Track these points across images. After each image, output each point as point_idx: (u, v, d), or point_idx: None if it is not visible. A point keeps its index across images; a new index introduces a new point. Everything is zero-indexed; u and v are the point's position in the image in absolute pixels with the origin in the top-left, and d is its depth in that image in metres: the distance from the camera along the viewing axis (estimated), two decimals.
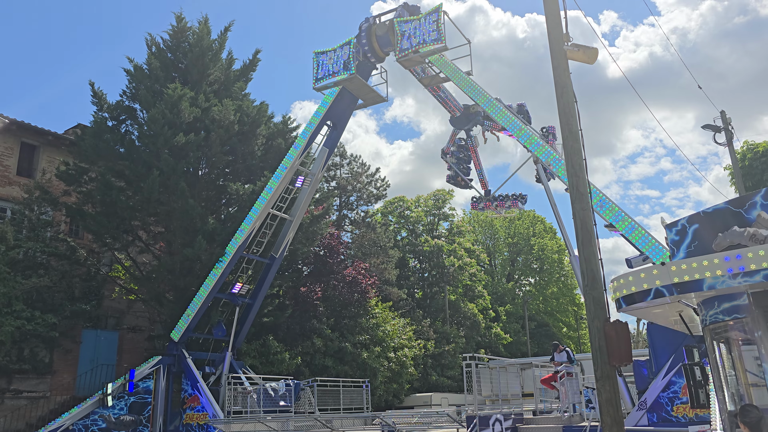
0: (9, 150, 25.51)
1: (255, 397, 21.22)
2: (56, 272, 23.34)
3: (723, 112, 25.28)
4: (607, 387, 8.72)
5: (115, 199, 22.97)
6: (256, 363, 25.70)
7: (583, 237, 9.42)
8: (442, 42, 20.74)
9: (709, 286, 6.95)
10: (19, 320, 21.20)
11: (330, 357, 28.97)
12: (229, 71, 26.62)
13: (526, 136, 19.09)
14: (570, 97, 10.10)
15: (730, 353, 7.59)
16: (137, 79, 24.89)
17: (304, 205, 24.60)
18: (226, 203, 26.38)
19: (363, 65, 23.04)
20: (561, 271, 61.91)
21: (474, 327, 46.00)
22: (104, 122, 24.36)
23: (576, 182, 9.70)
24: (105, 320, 26.95)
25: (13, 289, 21.30)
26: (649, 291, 7.32)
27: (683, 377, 12.08)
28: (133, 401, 21.05)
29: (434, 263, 47.31)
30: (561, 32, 10.51)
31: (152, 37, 25.61)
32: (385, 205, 49.38)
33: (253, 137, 25.77)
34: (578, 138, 9.96)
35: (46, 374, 23.47)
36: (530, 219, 63.02)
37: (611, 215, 16.90)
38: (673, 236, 7.90)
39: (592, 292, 9.17)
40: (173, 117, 23.04)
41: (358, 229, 40.86)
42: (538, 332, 55.57)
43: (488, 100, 19.92)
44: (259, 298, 24.17)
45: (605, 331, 8.84)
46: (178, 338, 22.36)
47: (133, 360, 25.86)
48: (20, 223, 23.59)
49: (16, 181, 25.44)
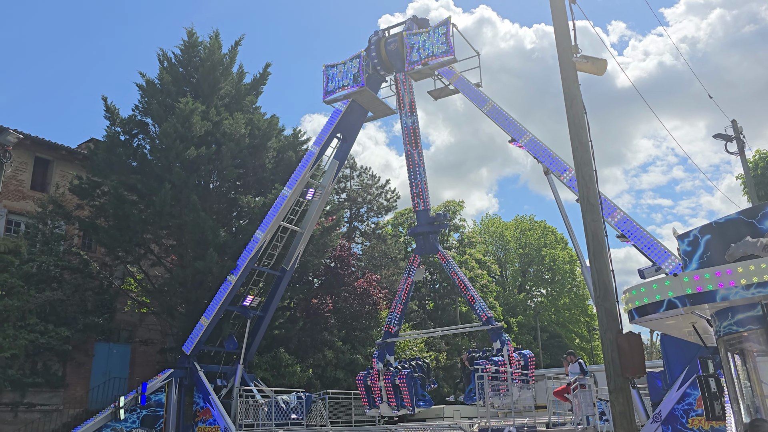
0: (23, 165, 25.82)
1: (266, 410, 21.20)
2: (69, 286, 23.52)
3: (734, 121, 25.15)
4: (620, 399, 8.65)
5: (128, 213, 23.15)
6: (268, 375, 25.68)
7: (595, 248, 9.38)
8: (451, 54, 20.83)
9: (722, 297, 6.91)
10: (33, 334, 21.38)
11: (341, 369, 28.88)
12: (239, 85, 26.86)
13: (537, 146, 19.07)
14: (579, 108, 10.10)
15: (745, 365, 7.53)
16: (149, 93, 25.16)
17: (314, 217, 24.66)
18: (237, 216, 26.50)
19: (372, 78, 23.17)
20: (573, 282, 61.52)
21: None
22: (117, 136, 24.61)
23: (587, 193, 9.68)
24: (117, 333, 27.08)
25: (27, 303, 21.49)
26: (662, 302, 7.28)
27: (698, 389, 11.96)
28: (146, 414, 21.08)
29: (445, 274, 47.16)
30: (570, 43, 10.54)
31: (164, 52, 25.95)
32: (395, 216, 49.37)
33: (264, 150, 25.93)
34: (588, 149, 9.95)
35: (59, 387, 23.58)
36: (541, 229, 62.78)
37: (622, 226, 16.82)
38: (686, 247, 7.86)
39: (604, 303, 9.12)
40: (185, 131, 23.24)
41: (368, 240, 40.87)
42: (551, 343, 55.17)
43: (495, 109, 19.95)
44: (271, 310, 24.19)
45: (618, 342, 8.79)
46: (190, 351, 22.40)
47: (145, 373, 25.93)
48: (34, 237, 23.85)
49: (30, 196, 25.73)
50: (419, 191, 22.12)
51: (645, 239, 16.57)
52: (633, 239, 16.61)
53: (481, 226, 64.15)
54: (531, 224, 63.71)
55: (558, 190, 22.03)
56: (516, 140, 19.53)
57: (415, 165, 22.20)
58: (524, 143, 19.28)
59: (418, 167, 22.20)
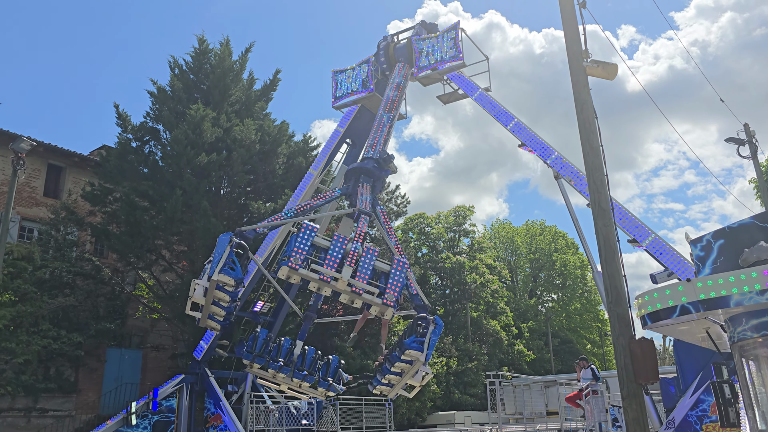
0: (36, 172, 26.07)
1: (277, 416, 21.21)
2: (82, 291, 23.68)
3: (746, 124, 24.94)
4: (633, 406, 8.57)
5: (139, 219, 23.29)
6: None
7: (607, 253, 9.32)
8: (460, 59, 20.82)
9: (736, 303, 6.84)
10: (46, 339, 21.55)
11: (352, 375, 28.82)
12: (250, 91, 26.99)
13: (547, 151, 19.00)
14: (590, 113, 10.06)
15: (760, 370, 7.45)
16: (160, 100, 25.34)
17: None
18: (247, 222, 26.57)
19: (381, 83, 23.19)
20: (584, 287, 61.20)
21: (496, 344, 45.57)
22: (128, 143, 24.79)
23: (598, 198, 9.63)
24: (129, 339, 27.22)
25: (40, 309, 21.66)
26: (675, 308, 7.23)
27: (712, 395, 11.83)
28: (157, 420, 21.13)
29: (455, 280, 47.05)
30: (580, 48, 10.50)
31: (175, 60, 26.13)
32: (405, 221, 49.34)
33: (274, 156, 26.02)
34: (599, 154, 9.89)
35: (72, 393, 23.72)
36: (552, 234, 62.54)
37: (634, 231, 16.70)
38: (698, 252, 7.81)
39: (616, 309, 9.05)
40: (196, 137, 23.37)
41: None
42: (562, 349, 54.86)
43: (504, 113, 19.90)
44: (281, 316, 24.20)
45: (631, 348, 8.71)
46: (201, 357, 22.46)
47: (156, 378, 26.02)
48: (47, 244, 24.06)
49: (43, 202, 25.96)
50: (374, 143, 18.14)
51: (657, 244, 16.46)
52: (645, 244, 16.50)
53: (492, 231, 64.01)
54: (541, 229, 63.50)
55: (569, 195, 21.94)
56: (526, 145, 19.45)
57: (381, 124, 18.90)
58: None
59: (383, 125, 18.77)
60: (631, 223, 16.86)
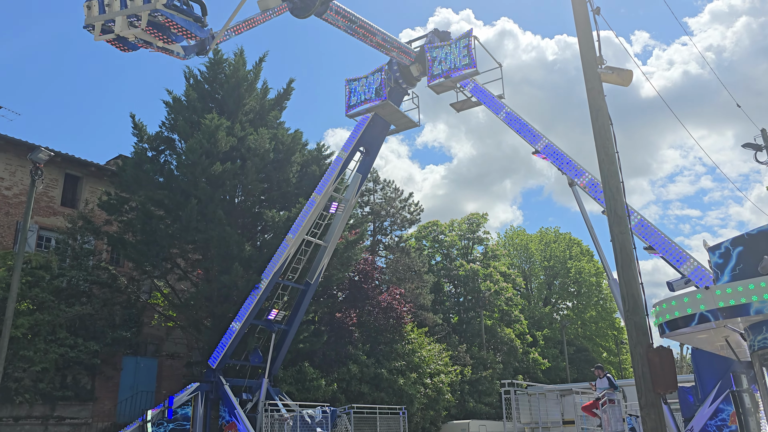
0: (54, 181, 26.38)
1: (291, 424, 21.20)
2: (98, 300, 23.88)
3: (764, 130, 24.71)
4: (652, 416, 8.48)
5: (155, 228, 23.47)
6: (293, 389, 25.70)
7: (623, 261, 9.25)
8: (473, 67, 20.81)
9: (756, 311, 6.76)
10: (63, 348, 21.72)
11: (366, 383, 28.78)
12: (264, 101, 27.17)
13: (561, 158, 18.91)
14: (605, 120, 10.02)
15: None
16: (176, 110, 25.58)
17: (338, 230, 24.74)
18: (261, 230, 26.70)
19: (394, 91, 23.25)
20: (599, 295, 60.67)
21: (511, 352, 45.27)
22: (144, 153, 25.02)
23: (614, 205, 9.57)
24: (145, 347, 27.37)
25: (57, 317, 21.86)
26: (694, 316, 7.16)
27: (731, 404, 11.67)
28: (172, 428, 21.20)
29: (469, 288, 46.88)
30: (594, 54, 10.48)
31: (190, 70, 26.39)
32: (419, 229, 49.31)
33: (288, 165, 26.14)
34: (615, 160, 9.85)
35: (88, 401, 23.86)
36: (566, 242, 62.14)
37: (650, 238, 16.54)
38: (717, 259, 7.73)
39: (633, 317, 8.96)
40: (210, 146, 23.55)
41: (392, 254, 40.82)
42: (577, 357, 54.36)
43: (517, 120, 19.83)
44: (295, 324, 24.24)
45: (648, 357, 8.62)
46: (216, 365, 22.53)
47: (171, 387, 26.13)
48: (64, 253, 24.30)
49: (60, 212, 26.25)
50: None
51: (673, 251, 16.28)
52: (661, 251, 16.34)
53: (506, 239, 63.73)
54: (556, 236, 63.12)
55: (583, 202, 21.80)
56: (540, 152, 19.37)
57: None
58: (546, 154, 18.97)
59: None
60: (646, 230, 16.71)
